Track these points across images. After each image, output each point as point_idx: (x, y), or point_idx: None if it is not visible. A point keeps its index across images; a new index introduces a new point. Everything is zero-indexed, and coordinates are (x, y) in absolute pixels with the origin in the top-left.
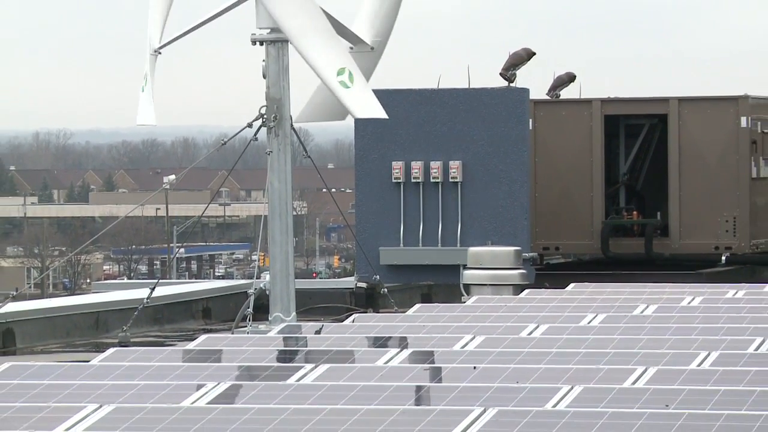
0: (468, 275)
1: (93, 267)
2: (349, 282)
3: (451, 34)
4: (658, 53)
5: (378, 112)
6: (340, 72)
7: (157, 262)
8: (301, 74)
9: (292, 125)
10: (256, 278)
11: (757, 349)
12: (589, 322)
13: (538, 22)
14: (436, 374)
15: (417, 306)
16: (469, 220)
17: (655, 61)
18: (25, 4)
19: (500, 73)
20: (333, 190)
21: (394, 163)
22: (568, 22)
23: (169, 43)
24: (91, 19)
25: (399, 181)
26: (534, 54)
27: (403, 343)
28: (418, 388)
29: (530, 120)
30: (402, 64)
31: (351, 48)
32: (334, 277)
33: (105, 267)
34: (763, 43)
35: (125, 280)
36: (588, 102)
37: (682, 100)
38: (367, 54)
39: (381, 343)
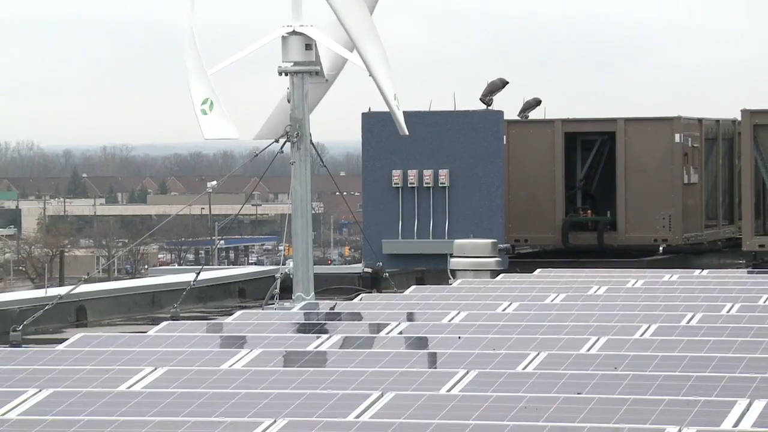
0: (454, 262)
1: (150, 256)
2: (358, 268)
3: (440, 68)
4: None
5: (227, 134)
6: (204, 101)
7: (202, 252)
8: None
9: (311, 140)
10: (282, 264)
11: (688, 322)
12: (552, 301)
13: (511, 58)
14: (427, 343)
15: (412, 287)
16: (454, 218)
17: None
18: (99, 44)
19: (480, 99)
20: (344, 193)
21: (393, 171)
22: (536, 57)
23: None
24: (151, 54)
25: (398, 185)
26: (507, 83)
27: (401, 317)
28: (414, 354)
29: (504, 136)
30: (402, 92)
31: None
32: (345, 264)
33: (159, 256)
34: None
35: (176, 267)
36: (551, 122)
37: (627, 120)
38: (322, 84)
39: (383, 317)
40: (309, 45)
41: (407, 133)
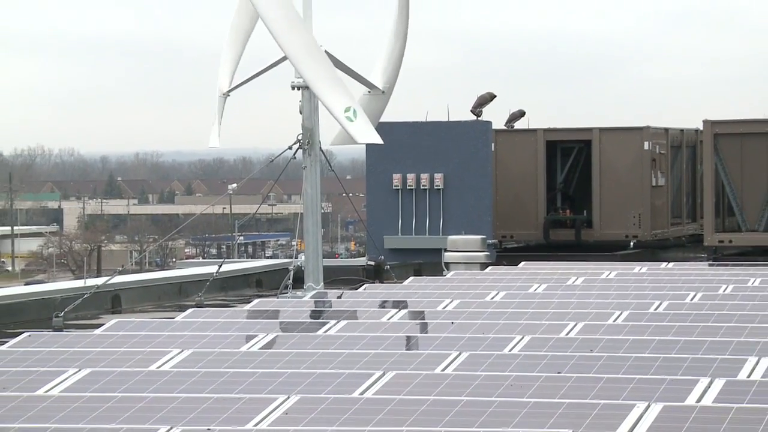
0: (447, 256)
1: (177, 250)
2: (362, 261)
3: (435, 83)
4: (588, 96)
5: (374, 139)
6: (347, 109)
7: (224, 247)
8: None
9: (320, 147)
10: (295, 258)
11: (656, 309)
12: (534, 290)
13: (498, 74)
14: (424, 327)
15: (410, 278)
16: (448, 216)
17: (583, 101)
18: (133, 64)
19: (471, 110)
20: (350, 194)
21: (394, 174)
22: (521, 73)
23: (235, 88)
24: (176, 72)
25: (398, 188)
26: (495, 96)
27: (400, 305)
28: (412, 338)
29: (492, 144)
30: (401, 104)
31: (368, 92)
32: (351, 257)
33: (186, 250)
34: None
35: (200, 260)
36: (534, 131)
37: (601, 130)
38: (379, 96)
39: (385, 305)
40: None
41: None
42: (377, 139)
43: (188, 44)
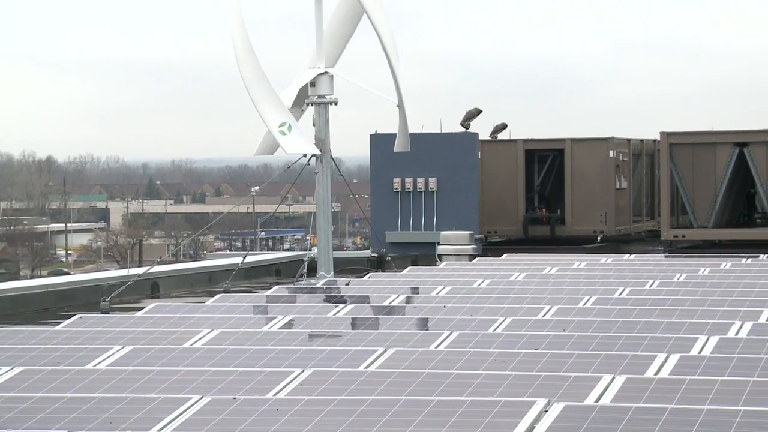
0: (440, 249)
1: (207, 244)
2: (367, 253)
3: (429, 100)
4: (562, 110)
5: (303, 150)
6: (282, 124)
7: (248, 241)
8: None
9: (330, 156)
10: (309, 250)
11: (620, 294)
12: (515, 278)
13: (484, 91)
14: (420, 310)
15: (409, 268)
16: (441, 215)
17: (558, 115)
18: (172, 82)
19: (460, 123)
20: (356, 195)
21: (394, 178)
22: (503, 91)
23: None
24: (208, 88)
25: (398, 190)
26: (481, 111)
27: (400, 291)
28: (410, 319)
29: (479, 152)
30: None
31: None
32: (357, 250)
33: (215, 244)
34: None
35: (227, 252)
36: (515, 141)
37: (573, 140)
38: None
39: (386, 291)
40: (331, 82)
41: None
42: (307, 150)
43: (214, 66)
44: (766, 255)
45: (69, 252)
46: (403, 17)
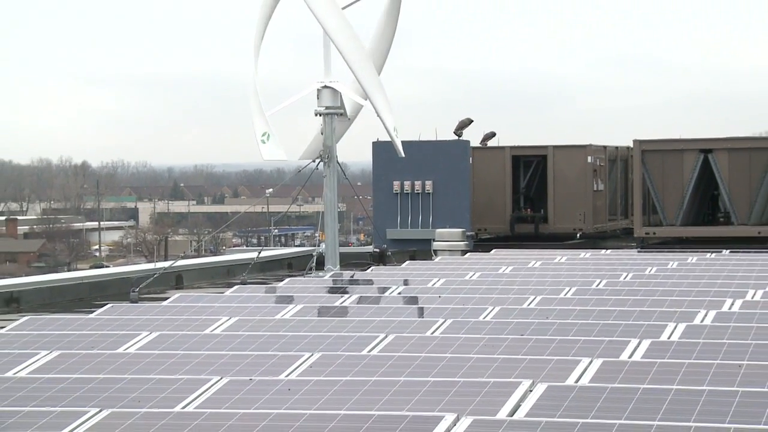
0: (435, 245)
1: (226, 240)
2: (369, 248)
3: (425, 111)
4: (545, 120)
5: (276, 157)
6: (263, 134)
7: (262, 237)
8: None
9: (337, 161)
10: (317, 246)
11: (597, 286)
12: (503, 271)
13: (474, 103)
14: (417, 300)
15: (407, 262)
16: (436, 214)
17: (542, 124)
18: (196, 94)
19: (453, 132)
20: (360, 197)
21: (394, 181)
22: (492, 102)
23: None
24: (228, 99)
25: (397, 192)
26: (472, 121)
27: (399, 283)
28: (408, 308)
29: (470, 158)
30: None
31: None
32: (361, 246)
33: (233, 240)
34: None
35: (244, 247)
36: (503, 148)
37: (555, 147)
38: (346, 122)
39: (387, 283)
40: (336, 95)
41: (404, 155)
42: (279, 157)
43: (233, 80)
44: (727, 250)
45: (101, 247)
46: (402, 34)
